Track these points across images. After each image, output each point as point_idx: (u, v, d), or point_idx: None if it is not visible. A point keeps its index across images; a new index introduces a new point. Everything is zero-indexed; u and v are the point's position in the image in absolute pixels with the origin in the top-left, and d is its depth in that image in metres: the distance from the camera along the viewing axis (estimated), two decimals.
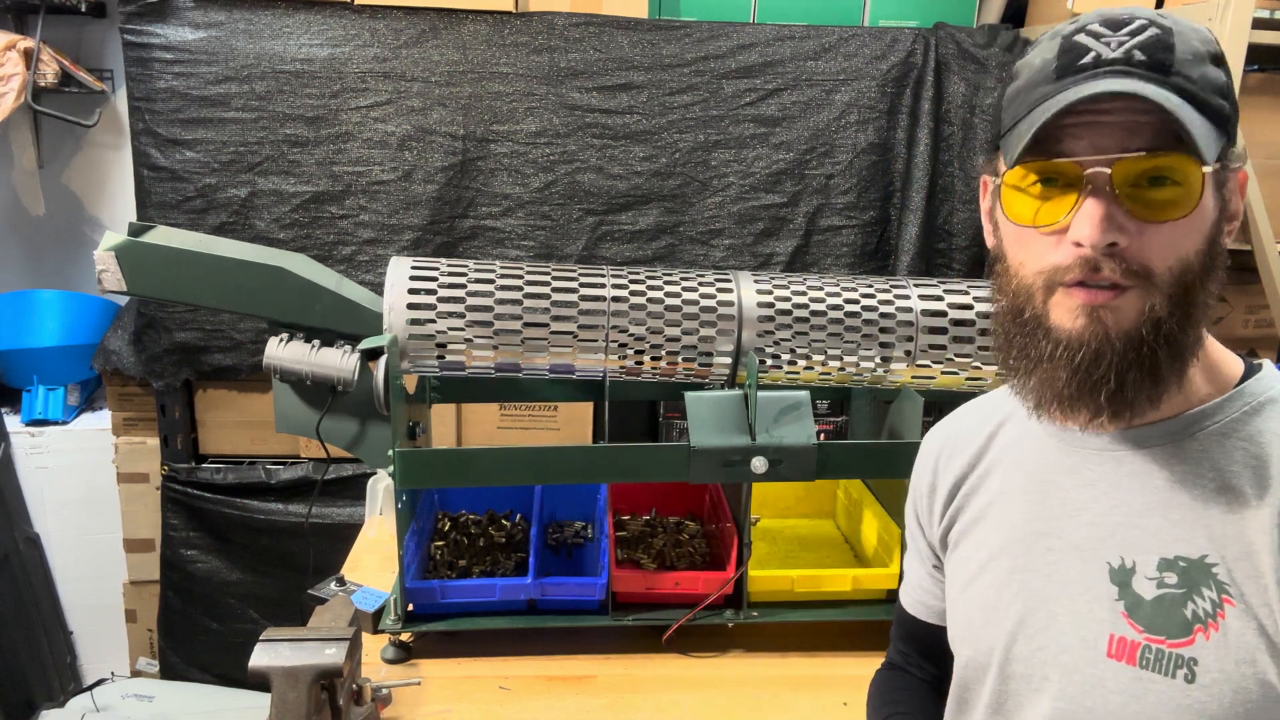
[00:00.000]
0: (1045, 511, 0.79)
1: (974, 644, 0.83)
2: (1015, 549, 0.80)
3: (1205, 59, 0.68)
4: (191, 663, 2.63)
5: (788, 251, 2.48)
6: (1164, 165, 0.66)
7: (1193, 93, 0.66)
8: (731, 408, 1.43)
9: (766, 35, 2.42)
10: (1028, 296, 0.71)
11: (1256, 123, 2.03)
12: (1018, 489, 0.82)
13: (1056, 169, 0.68)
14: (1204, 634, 0.69)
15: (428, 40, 2.34)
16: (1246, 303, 2.28)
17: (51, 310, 2.64)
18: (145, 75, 2.29)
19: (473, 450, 1.46)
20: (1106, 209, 0.66)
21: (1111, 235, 0.66)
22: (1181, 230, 0.67)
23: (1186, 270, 0.68)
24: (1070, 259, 0.68)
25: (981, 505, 0.86)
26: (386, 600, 1.52)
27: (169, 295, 1.47)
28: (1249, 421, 0.72)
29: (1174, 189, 0.66)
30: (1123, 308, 0.67)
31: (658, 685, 1.45)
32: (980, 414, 0.91)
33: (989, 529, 0.84)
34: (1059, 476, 0.79)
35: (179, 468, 2.51)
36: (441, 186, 2.39)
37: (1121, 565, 0.73)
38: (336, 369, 1.45)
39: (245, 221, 2.36)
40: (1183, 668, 0.69)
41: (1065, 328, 0.69)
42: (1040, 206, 0.70)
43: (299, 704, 1.09)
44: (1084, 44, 0.68)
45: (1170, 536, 0.71)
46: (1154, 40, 0.67)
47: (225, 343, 2.43)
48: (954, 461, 0.90)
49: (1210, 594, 0.69)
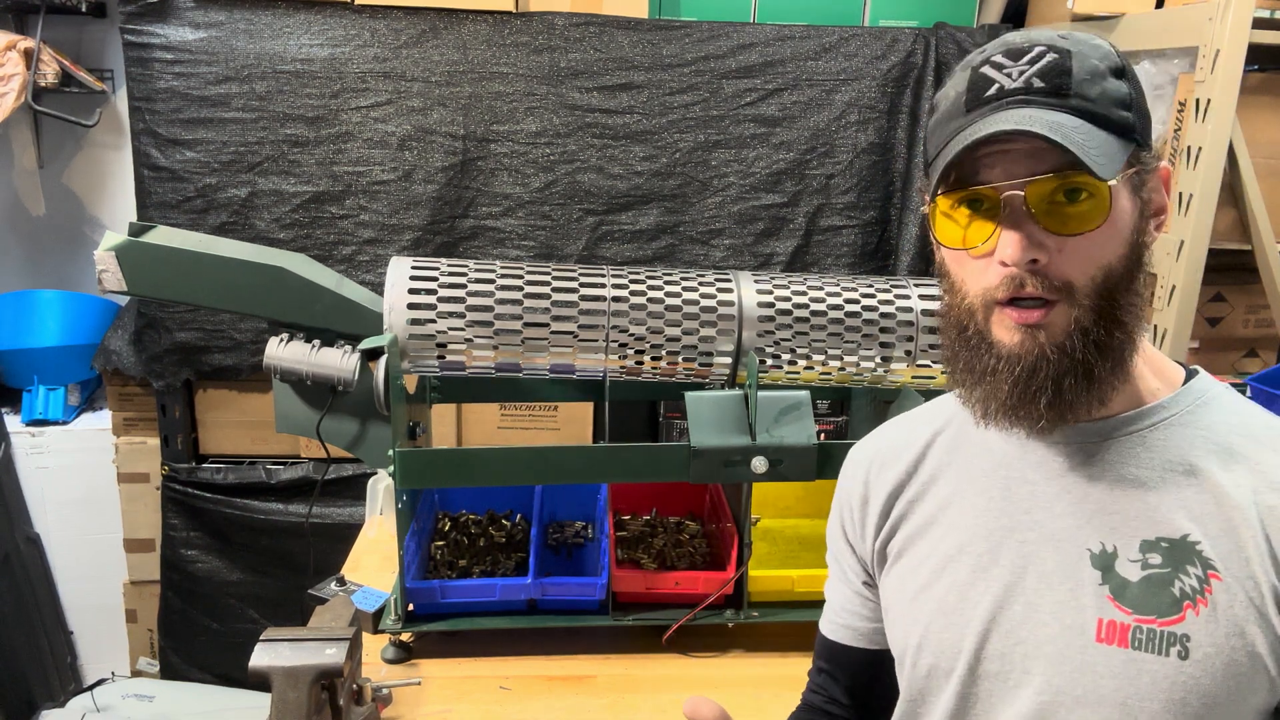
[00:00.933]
0: (1012, 507, 0.80)
1: (935, 650, 0.82)
2: (979, 547, 0.81)
3: (1104, 74, 0.72)
4: (192, 663, 2.63)
5: (788, 251, 2.48)
6: (1073, 187, 0.71)
7: (1091, 110, 0.71)
8: (732, 408, 1.43)
9: (767, 35, 2.42)
10: (970, 314, 0.76)
11: (1257, 123, 2.03)
12: (973, 490, 0.83)
13: (976, 194, 0.73)
14: (1193, 610, 0.71)
15: (428, 40, 2.34)
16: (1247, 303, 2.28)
17: (52, 310, 2.64)
18: (145, 75, 2.29)
19: (473, 450, 1.46)
20: (1025, 229, 0.71)
21: (1032, 253, 0.71)
22: (1099, 241, 0.72)
23: (1108, 277, 0.72)
24: (999, 279, 0.73)
25: (930, 511, 0.86)
26: (387, 600, 1.52)
27: (169, 295, 1.47)
28: (1202, 414, 0.77)
29: (1086, 201, 0.71)
30: (1052, 323, 0.72)
31: (658, 685, 1.45)
32: (907, 427, 0.92)
33: (942, 533, 0.84)
34: (1023, 472, 0.81)
35: (179, 468, 2.51)
36: (442, 186, 2.39)
37: (1103, 550, 0.75)
38: (337, 369, 1.45)
39: (245, 221, 2.36)
40: (1175, 645, 0.71)
41: (1005, 343, 0.74)
42: (967, 231, 0.75)
43: (299, 704, 1.09)
44: (988, 76, 0.74)
45: (1149, 519, 0.74)
46: (1051, 66, 0.72)
47: (225, 343, 2.43)
48: (886, 473, 0.90)
49: (1196, 570, 0.71)
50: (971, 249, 0.75)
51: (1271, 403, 2.03)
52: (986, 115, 0.72)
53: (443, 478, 1.51)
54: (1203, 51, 1.90)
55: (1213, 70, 1.88)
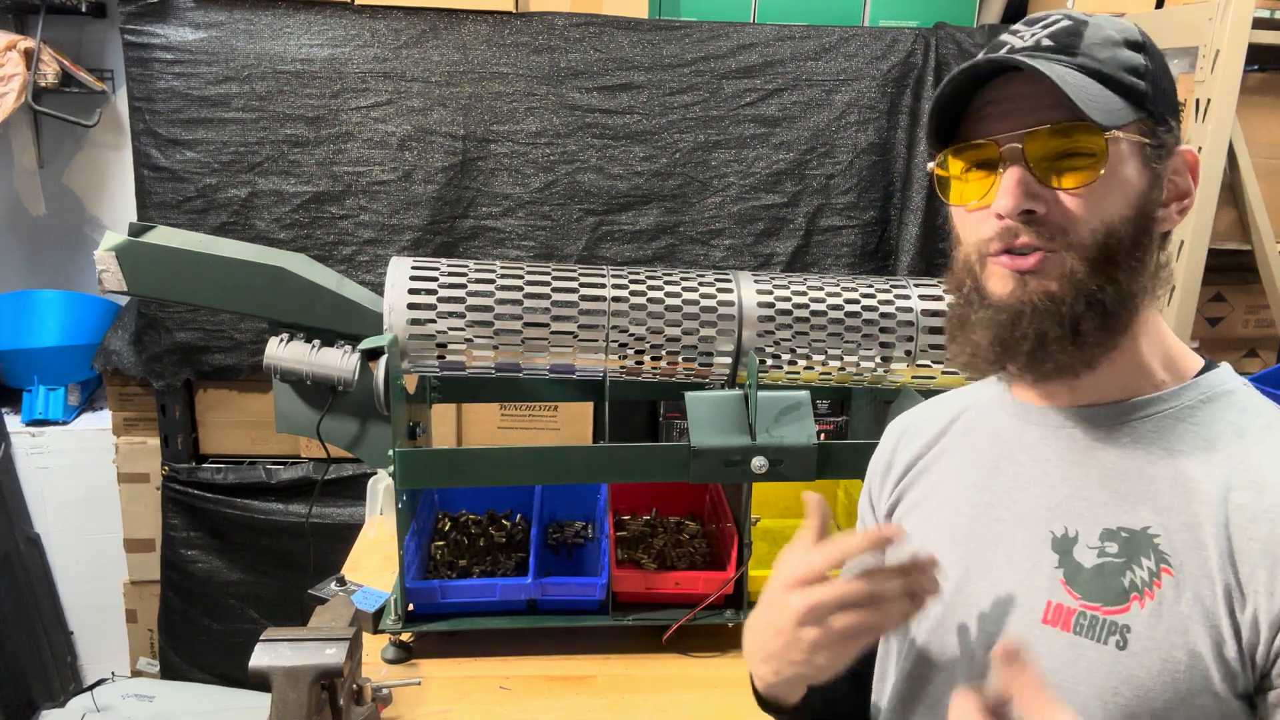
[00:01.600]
0: (996, 484, 0.81)
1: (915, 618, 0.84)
2: (960, 521, 0.82)
3: (1119, 44, 0.72)
4: (192, 663, 2.63)
5: (788, 251, 2.48)
6: (1071, 136, 0.70)
7: (1097, 70, 0.71)
8: (731, 408, 1.43)
9: (767, 35, 2.42)
10: (968, 270, 0.77)
11: (1257, 123, 2.03)
12: (969, 466, 0.85)
13: (979, 151, 0.74)
14: (1139, 602, 0.70)
15: (428, 40, 2.34)
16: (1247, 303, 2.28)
17: (52, 310, 2.64)
18: (145, 75, 2.29)
19: (473, 450, 1.46)
20: (1021, 178, 0.71)
21: (1027, 203, 0.71)
22: (1101, 196, 0.71)
23: (1110, 234, 0.71)
24: (993, 230, 0.73)
25: (930, 484, 0.88)
26: (387, 600, 1.52)
27: (169, 295, 1.47)
28: (1202, 409, 0.75)
29: (1082, 159, 0.71)
30: (1045, 270, 0.72)
31: (658, 685, 1.45)
32: (945, 403, 0.94)
33: (934, 507, 0.86)
34: (1014, 452, 0.81)
35: (179, 468, 2.51)
36: (442, 186, 2.39)
37: (1064, 534, 0.75)
38: (337, 369, 1.45)
39: (245, 221, 2.36)
40: (1115, 635, 0.71)
41: (997, 293, 0.74)
42: (966, 187, 0.76)
43: (299, 704, 1.10)
44: (1003, 40, 0.76)
45: (1115, 508, 0.74)
46: (1064, 29, 0.73)
47: (226, 343, 2.43)
48: (913, 443, 0.92)
49: (1149, 563, 0.71)
50: (970, 203, 0.75)
51: None
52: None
53: (443, 478, 1.51)
54: (1203, 51, 1.90)
55: (1213, 70, 1.88)
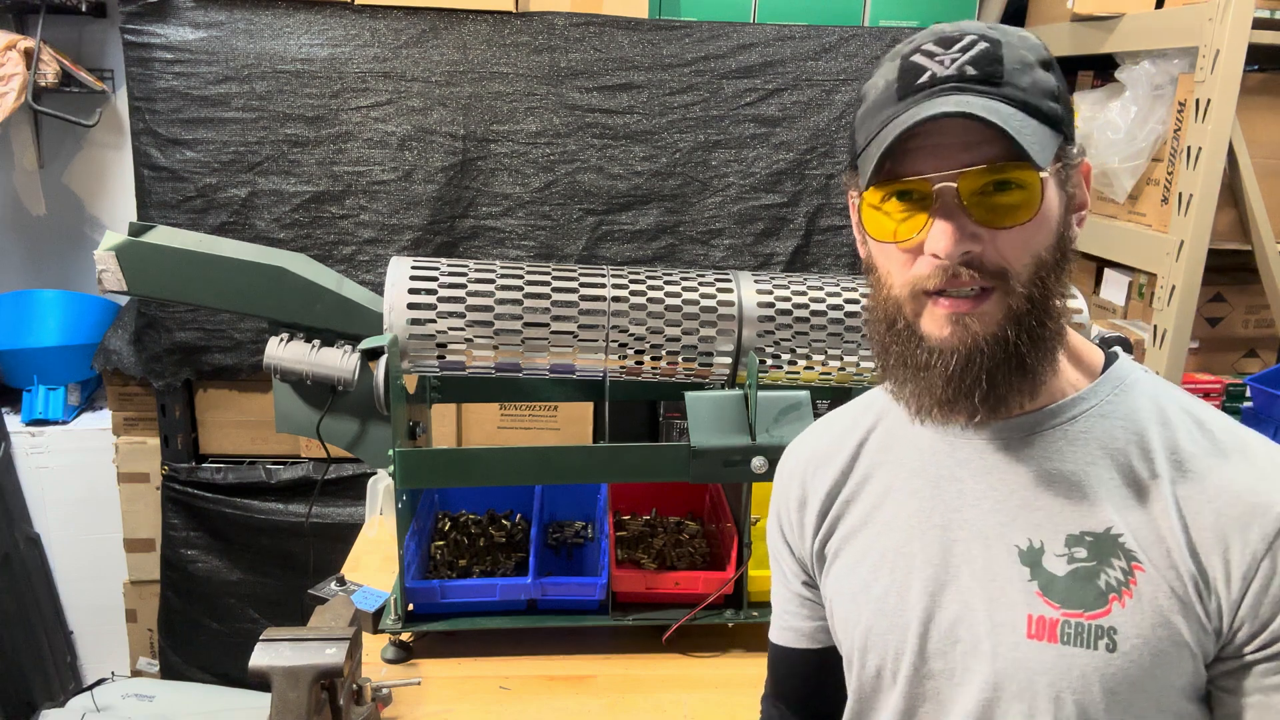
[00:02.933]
0: (942, 505, 0.80)
1: (879, 651, 0.82)
2: (913, 546, 0.81)
3: (1034, 65, 0.72)
4: (192, 662, 2.63)
5: (788, 251, 2.49)
6: (1005, 175, 0.70)
7: (1023, 100, 0.71)
8: (732, 408, 1.43)
9: (767, 35, 2.42)
10: (897, 307, 0.76)
11: (1256, 123, 2.02)
12: (905, 489, 0.83)
13: (908, 186, 0.72)
14: (1119, 602, 0.71)
15: (428, 40, 2.34)
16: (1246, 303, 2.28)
17: (52, 310, 2.64)
18: (146, 75, 2.29)
19: (473, 450, 1.46)
20: (957, 221, 0.71)
21: (965, 245, 0.71)
22: (1030, 232, 0.72)
23: (1040, 267, 0.72)
24: (929, 269, 0.72)
25: (864, 510, 0.86)
26: (387, 600, 1.52)
27: (169, 295, 1.47)
28: (1120, 402, 0.77)
29: (1017, 193, 0.71)
30: (986, 312, 0.72)
31: (658, 685, 1.45)
32: (840, 426, 0.92)
33: (877, 532, 0.84)
34: (951, 470, 0.81)
35: (179, 467, 2.51)
36: (442, 186, 2.39)
37: (1030, 546, 0.75)
38: (337, 369, 1.45)
39: (245, 221, 2.36)
40: (1103, 638, 0.71)
41: (935, 336, 0.73)
42: (898, 225, 0.74)
43: (299, 704, 1.10)
44: (920, 64, 0.73)
45: (1073, 513, 0.74)
46: (983, 54, 0.71)
47: (226, 343, 2.43)
48: (822, 473, 0.90)
49: (1120, 563, 0.72)
50: (901, 242, 0.74)
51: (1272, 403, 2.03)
52: (921, 102, 0.71)
53: (443, 478, 1.51)
54: (1203, 51, 1.90)
55: (1213, 70, 1.88)
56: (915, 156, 0.72)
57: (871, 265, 0.79)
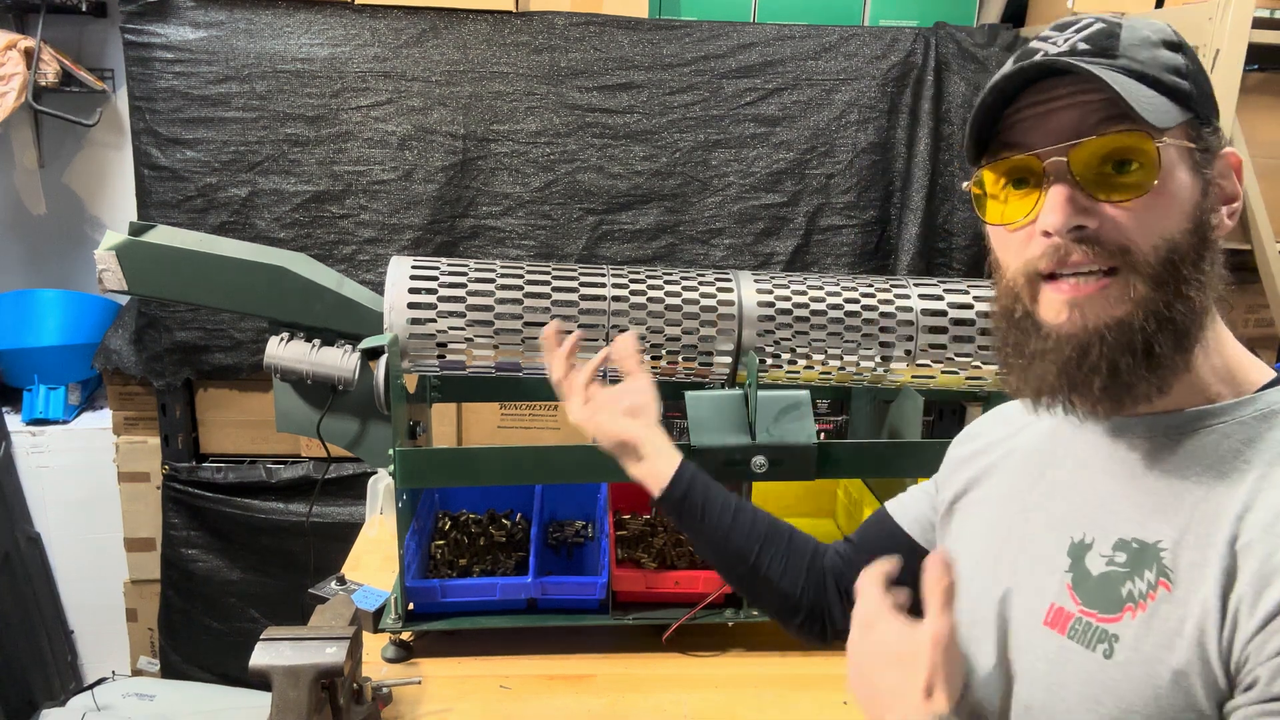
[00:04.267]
0: (1034, 489, 0.81)
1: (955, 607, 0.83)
2: (1003, 523, 0.83)
3: (1157, 44, 0.69)
4: (192, 662, 2.63)
5: (788, 251, 2.49)
6: (1119, 143, 0.66)
7: (1140, 71, 0.67)
8: (732, 407, 1.43)
9: (767, 35, 2.42)
10: (1014, 296, 0.73)
11: (1257, 123, 2.03)
12: (1020, 471, 0.84)
13: (1019, 166, 0.70)
14: (1131, 613, 0.69)
15: (428, 40, 2.34)
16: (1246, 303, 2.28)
17: (52, 310, 2.64)
18: (146, 75, 2.29)
19: (473, 449, 1.46)
20: (1068, 193, 0.67)
21: (1076, 218, 0.67)
22: (1157, 208, 0.67)
23: (1173, 250, 0.67)
24: (1041, 249, 0.69)
25: (989, 486, 0.88)
26: (387, 599, 1.52)
27: (170, 295, 1.47)
28: (1255, 426, 0.69)
29: (1134, 166, 0.66)
30: (1107, 296, 0.67)
31: (658, 685, 1.45)
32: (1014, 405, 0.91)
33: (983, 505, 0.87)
34: (1059, 459, 0.81)
35: (180, 467, 2.51)
36: (442, 186, 2.39)
37: (1081, 541, 0.74)
38: (337, 368, 1.45)
39: (246, 221, 2.36)
40: (1103, 643, 0.69)
41: (1052, 322, 0.70)
42: (1007, 206, 0.71)
43: (300, 703, 1.10)
44: (1034, 46, 0.71)
45: (1134, 520, 0.72)
46: (1099, 32, 0.69)
47: (226, 342, 2.43)
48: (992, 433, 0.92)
49: (1149, 575, 0.69)
50: (1013, 223, 0.71)
51: None
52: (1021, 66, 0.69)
53: (443, 477, 1.51)
54: (1203, 51, 1.90)
55: (1213, 70, 1.88)
56: (1023, 134, 0.70)
57: (995, 262, 0.76)
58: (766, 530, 1.04)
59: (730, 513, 1.04)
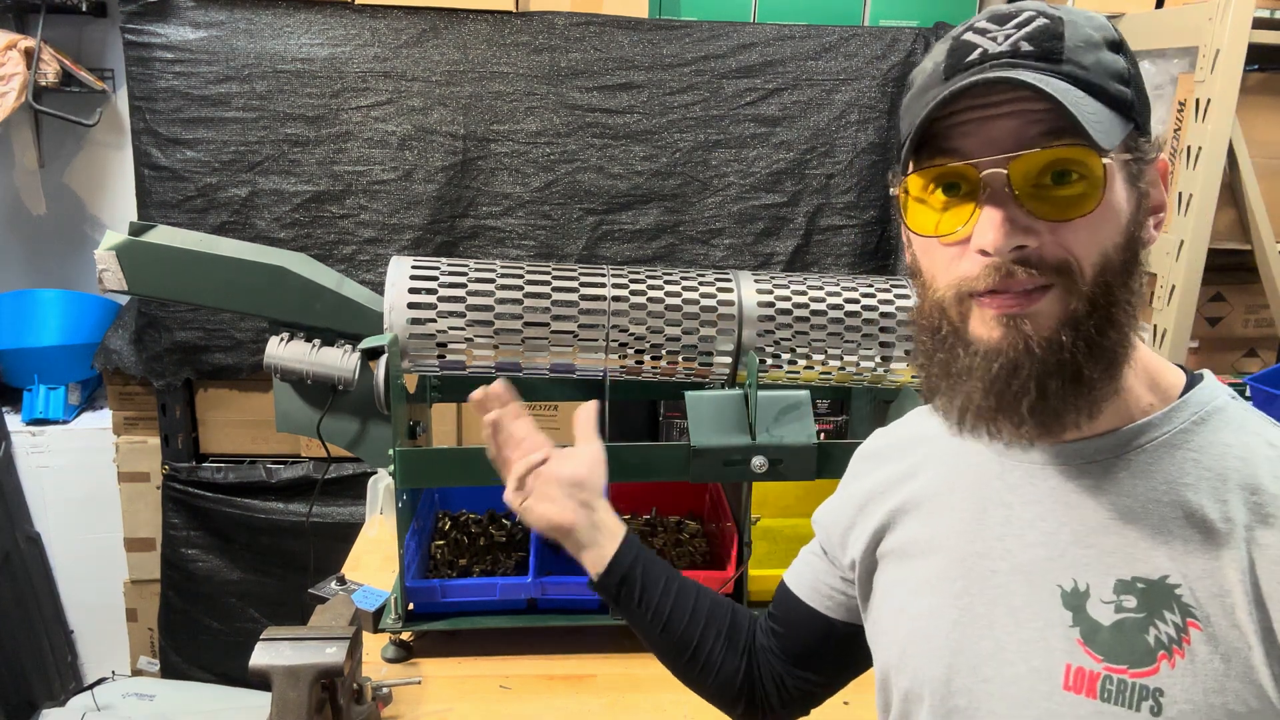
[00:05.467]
0: (986, 532, 0.73)
1: (910, 674, 0.77)
2: (952, 572, 0.74)
3: (1100, 45, 0.65)
4: (192, 662, 2.63)
5: (788, 251, 2.49)
6: (1062, 158, 0.62)
7: (1086, 79, 0.63)
8: (732, 407, 1.43)
9: (767, 35, 2.42)
10: (941, 312, 0.68)
11: (1257, 123, 2.03)
12: (952, 511, 0.77)
13: (953, 173, 0.65)
14: (1168, 661, 0.63)
15: (428, 40, 2.34)
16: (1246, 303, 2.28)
17: (52, 310, 2.64)
18: (146, 75, 2.29)
19: (474, 449, 1.46)
20: (1007, 212, 0.63)
21: (1017, 238, 0.63)
22: (1095, 224, 0.64)
23: (1107, 266, 0.64)
24: (978, 269, 0.64)
25: (914, 526, 0.80)
26: (387, 599, 1.52)
27: (170, 295, 1.47)
28: (1197, 432, 0.68)
29: (1078, 184, 0.63)
30: (1042, 312, 0.64)
31: (658, 685, 1.45)
32: (912, 428, 0.87)
33: (921, 551, 0.78)
34: (1000, 494, 0.74)
35: (180, 467, 2.51)
36: (442, 186, 2.39)
37: (1074, 589, 0.68)
38: (337, 368, 1.45)
39: (246, 221, 2.36)
40: (1148, 699, 0.63)
41: (983, 339, 0.66)
42: (941, 216, 0.66)
43: (300, 703, 1.10)
44: (971, 41, 0.66)
45: (1126, 556, 0.66)
46: (1041, 30, 0.64)
47: (226, 342, 2.43)
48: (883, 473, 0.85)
49: (1174, 617, 0.64)
50: (945, 236, 0.66)
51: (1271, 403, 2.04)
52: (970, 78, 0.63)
53: (443, 477, 1.51)
54: (1203, 51, 1.90)
55: (1213, 70, 1.88)
56: (960, 139, 0.64)
57: (916, 268, 0.71)
58: (708, 613, 0.98)
59: (671, 596, 0.97)
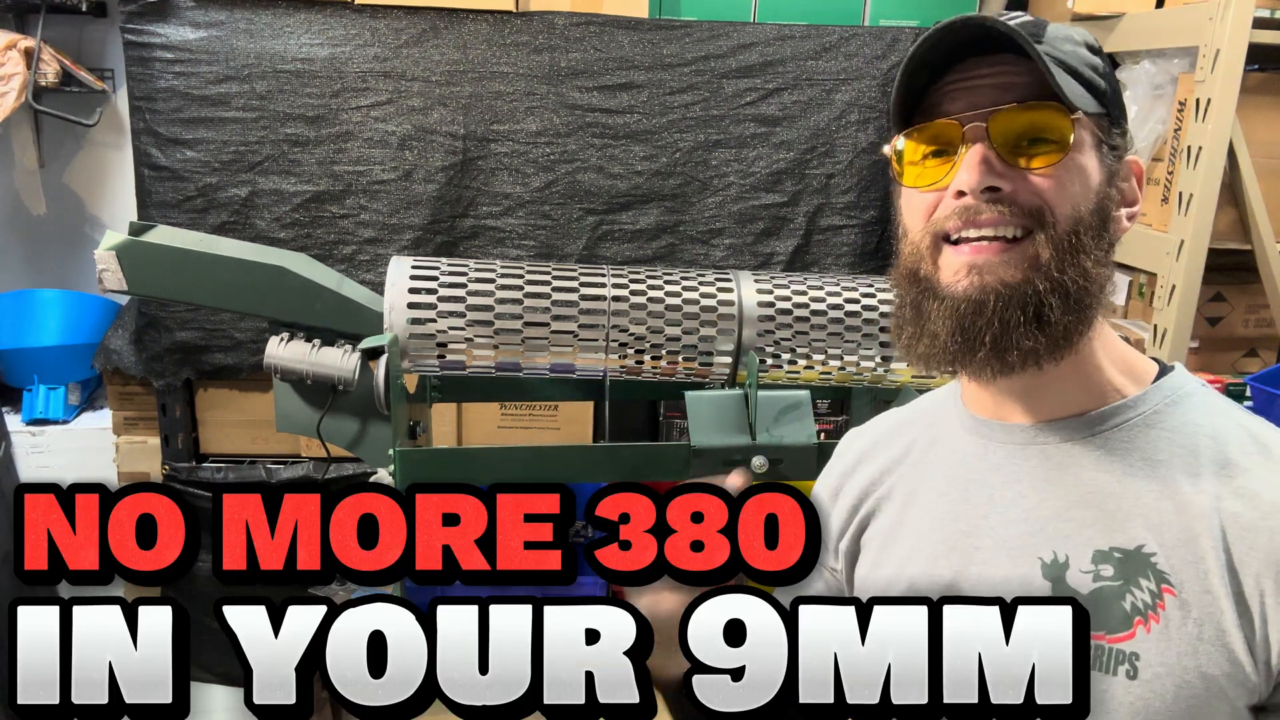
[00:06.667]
0: (969, 510, 0.77)
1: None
2: (937, 550, 0.77)
3: (1079, 43, 0.71)
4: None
5: (788, 251, 2.49)
6: (1037, 116, 0.68)
7: (1061, 59, 0.69)
8: (732, 407, 1.43)
9: (767, 35, 2.42)
10: (919, 257, 0.73)
11: (1257, 123, 2.02)
12: (935, 492, 0.80)
13: (939, 131, 0.71)
14: (1144, 626, 0.66)
15: (428, 40, 2.34)
16: (1246, 303, 2.28)
17: (52, 310, 2.64)
18: (146, 75, 2.29)
19: (473, 449, 1.46)
20: (983, 155, 0.68)
21: (990, 179, 0.68)
22: (1065, 179, 0.69)
23: (1078, 220, 0.69)
24: (950, 209, 0.70)
25: (897, 510, 0.83)
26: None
27: (170, 295, 1.47)
28: (1170, 413, 0.72)
29: (1050, 143, 0.68)
30: (1007, 261, 0.68)
31: None
32: (897, 421, 0.89)
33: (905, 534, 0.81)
34: (982, 474, 0.77)
35: (180, 467, 2.51)
36: (442, 186, 2.39)
37: (1054, 560, 0.71)
38: (337, 368, 1.45)
39: (246, 221, 2.36)
40: (1124, 663, 0.66)
41: (950, 284, 0.70)
42: (925, 168, 0.72)
43: None
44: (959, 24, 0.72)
45: (1104, 527, 0.69)
46: (1026, 23, 0.70)
47: (226, 342, 2.43)
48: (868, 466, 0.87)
49: (1149, 584, 0.67)
50: (928, 185, 0.72)
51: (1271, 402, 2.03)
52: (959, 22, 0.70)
53: (443, 477, 1.51)
54: (1203, 51, 1.90)
55: (1213, 70, 1.88)
56: (946, 101, 0.71)
57: (903, 229, 0.76)
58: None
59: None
